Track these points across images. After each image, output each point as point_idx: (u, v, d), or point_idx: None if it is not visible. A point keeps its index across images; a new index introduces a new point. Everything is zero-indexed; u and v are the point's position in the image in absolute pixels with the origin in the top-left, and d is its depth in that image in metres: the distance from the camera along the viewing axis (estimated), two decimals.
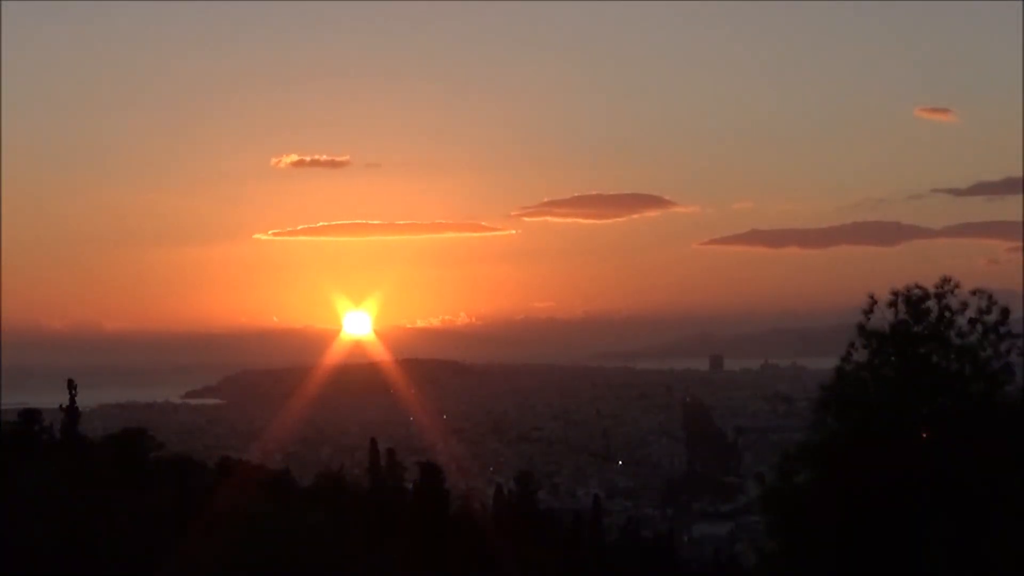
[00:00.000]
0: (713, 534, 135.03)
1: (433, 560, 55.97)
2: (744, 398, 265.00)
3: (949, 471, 23.57)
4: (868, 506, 23.98)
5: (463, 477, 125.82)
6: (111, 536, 40.12)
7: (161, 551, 40.61)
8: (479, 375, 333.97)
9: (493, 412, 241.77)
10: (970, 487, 23.45)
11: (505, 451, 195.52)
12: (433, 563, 55.67)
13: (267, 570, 39.45)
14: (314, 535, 44.49)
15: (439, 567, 56.00)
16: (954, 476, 23.53)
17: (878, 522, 23.91)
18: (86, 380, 68.92)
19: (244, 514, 45.40)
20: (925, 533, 23.69)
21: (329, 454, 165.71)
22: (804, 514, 24.87)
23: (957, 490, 23.51)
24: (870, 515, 23.97)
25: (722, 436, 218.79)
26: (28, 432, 59.07)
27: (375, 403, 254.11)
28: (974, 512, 23.41)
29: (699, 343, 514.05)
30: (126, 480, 48.18)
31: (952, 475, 23.54)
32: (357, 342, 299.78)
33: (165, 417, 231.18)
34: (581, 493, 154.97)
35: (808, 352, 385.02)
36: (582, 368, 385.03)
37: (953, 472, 23.54)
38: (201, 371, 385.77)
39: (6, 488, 40.91)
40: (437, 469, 68.67)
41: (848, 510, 24.14)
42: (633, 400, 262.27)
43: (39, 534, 38.42)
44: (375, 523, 56.21)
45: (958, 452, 23.66)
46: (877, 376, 24.87)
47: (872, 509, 23.96)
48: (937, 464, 23.69)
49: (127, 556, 39.56)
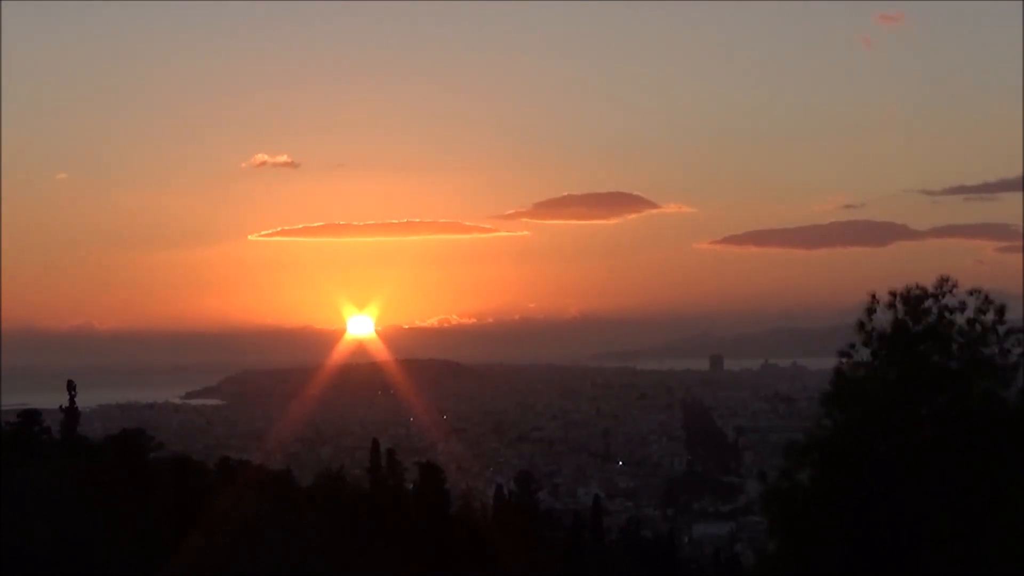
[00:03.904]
0: (713, 534, 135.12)
1: (433, 561, 55.98)
2: (744, 398, 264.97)
3: (950, 470, 23.57)
4: (869, 505, 23.99)
5: (463, 477, 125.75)
6: (111, 537, 40.11)
7: (162, 552, 40.62)
8: (479, 375, 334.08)
9: (493, 412, 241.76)
10: (971, 486, 23.45)
11: (505, 451, 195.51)
12: (433, 564, 55.68)
13: (267, 571, 39.43)
14: (314, 535, 44.47)
15: (439, 568, 56.02)
16: (956, 475, 23.54)
17: (879, 521, 23.92)
18: (85, 381, 69.00)
19: (244, 514, 45.37)
20: (927, 533, 23.69)
21: (329, 454, 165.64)
22: (805, 513, 24.89)
23: (958, 489, 23.51)
24: (871, 514, 23.98)
25: (722, 436, 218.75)
26: (28, 433, 59.14)
27: (375, 403, 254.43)
28: (975, 511, 23.41)
29: (699, 343, 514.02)
30: (126, 481, 48.15)
31: (954, 474, 23.55)
32: (357, 342, 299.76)
33: (165, 417, 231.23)
34: (581, 493, 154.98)
35: (808, 352, 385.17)
36: (582, 368, 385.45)
37: (955, 471, 23.55)
38: (201, 371, 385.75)
39: (6, 489, 40.90)
40: (437, 469, 68.71)
41: (849, 509, 24.15)
42: (633, 400, 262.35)
43: (39, 535, 38.40)
44: (375, 523, 56.20)
45: (959, 451, 23.68)
46: (878, 375, 24.91)
47: (873, 508, 23.96)
48: (938, 463, 23.70)
49: (127, 557, 39.56)
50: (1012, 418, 24.18)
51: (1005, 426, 23.91)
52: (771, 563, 27.11)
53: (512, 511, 75.07)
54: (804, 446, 25.30)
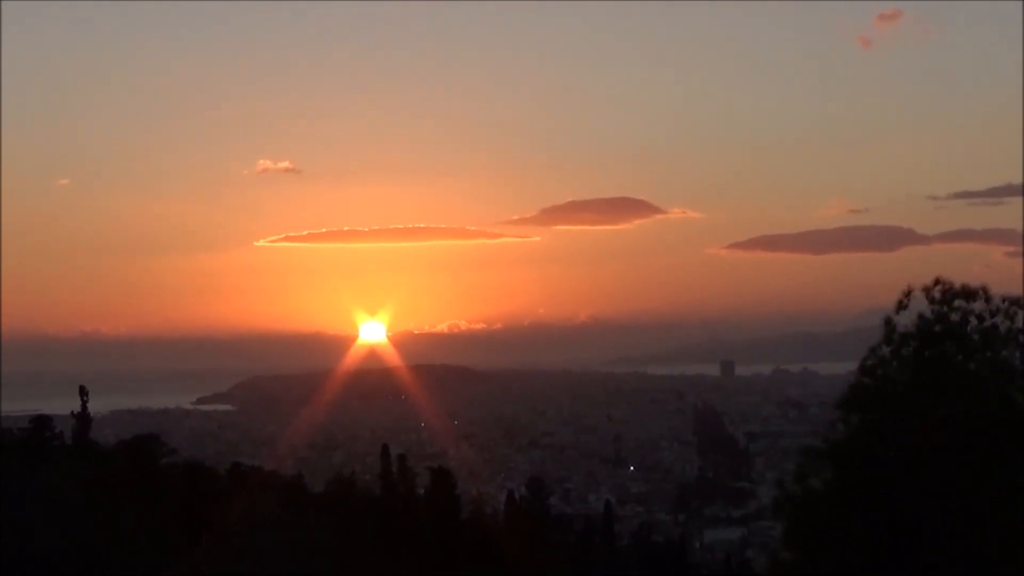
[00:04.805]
0: (725, 540, 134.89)
1: (444, 566, 55.97)
2: (755, 403, 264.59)
3: (967, 476, 23.46)
4: (885, 511, 23.90)
5: (474, 483, 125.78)
6: (122, 542, 40.12)
7: (172, 557, 40.62)
8: (490, 380, 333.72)
9: (504, 418, 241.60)
10: (988, 492, 23.33)
11: (516, 457, 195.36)
12: (444, 569, 55.67)
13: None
14: (325, 540, 44.46)
15: (450, 572, 56.00)
16: (972, 481, 23.42)
17: (895, 527, 23.82)
18: (96, 386, 69.06)
19: (256, 520, 45.38)
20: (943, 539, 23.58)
21: (341, 460, 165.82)
22: (819, 519, 24.79)
23: (975, 495, 23.40)
24: (886, 520, 23.88)
25: (733, 441, 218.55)
26: (40, 438, 59.25)
27: (386, 409, 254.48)
28: (992, 517, 23.30)
29: (710, 348, 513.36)
30: (138, 486, 48.20)
31: (970, 480, 23.43)
32: (368, 348, 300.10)
33: (177, 423, 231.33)
34: (593, 499, 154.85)
35: (819, 357, 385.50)
36: (593, 373, 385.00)
37: (971, 477, 23.44)
38: (212, 377, 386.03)
39: (18, 494, 40.94)
40: (448, 475, 68.77)
41: (864, 515, 24.05)
42: (644, 405, 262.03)
43: (51, 540, 38.44)
44: (386, 529, 56.19)
45: (976, 456, 23.56)
46: (896, 376, 24.81)
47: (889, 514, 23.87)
48: (955, 468, 23.59)
49: (138, 562, 39.56)
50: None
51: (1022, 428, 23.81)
52: (784, 569, 26.97)
53: (523, 516, 75.09)
54: (820, 450, 25.19)
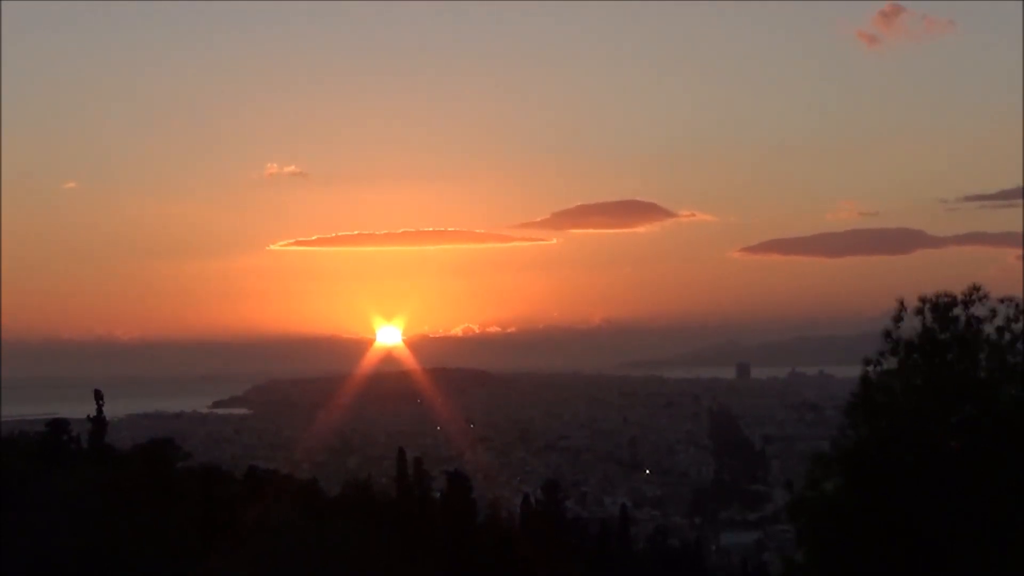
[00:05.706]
0: (741, 543, 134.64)
1: (461, 570, 55.96)
2: (771, 406, 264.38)
3: (978, 479, 23.43)
4: (896, 515, 23.88)
5: (490, 486, 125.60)
6: (138, 546, 40.20)
7: (189, 561, 40.69)
8: (506, 384, 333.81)
9: (520, 421, 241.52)
10: (999, 495, 23.30)
11: (532, 460, 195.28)
12: (460, 572, 55.66)
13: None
14: (342, 545, 44.49)
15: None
16: (983, 484, 23.39)
17: (907, 531, 23.80)
18: (111, 391, 69.13)
19: (272, 524, 45.46)
20: (954, 542, 23.55)
21: (356, 463, 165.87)
22: (832, 523, 24.78)
23: (986, 498, 23.36)
24: (898, 524, 23.87)
25: (749, 445, 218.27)
26: (56, 442, 59.32)
27: (402, 412, 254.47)
28: (1003, 521, 23.27)
29: (726, 351, 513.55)
30: (154, 490, 48.26)
31: (981, 483, 23.40)
32: (384, 351, 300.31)
33: (193, 427, 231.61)
34: (608, 502, 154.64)
35: (835, 360, 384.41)
36: (609, 377, 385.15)
37: (982, 480, 23.40)
38: (228, 381, 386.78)
39: (35, 498, 41.04)
40: (464, 478, 68.74)
41: (876, 519, 24.03)
42: (660, 409, 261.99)
43: (67, 544, 38.53)
44: (402, 532, 56.20)
45: (987, 460, 23.53)
46: (905, 383, 24.78)
47: (900, 518, 23.85)
48: (966, 472, 23.56)
49: (154, 566, 39.64)
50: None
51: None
52: (799, 572, 26.96)
53: (539, 520, 75.02)
54: (830, 456, 25.18)
